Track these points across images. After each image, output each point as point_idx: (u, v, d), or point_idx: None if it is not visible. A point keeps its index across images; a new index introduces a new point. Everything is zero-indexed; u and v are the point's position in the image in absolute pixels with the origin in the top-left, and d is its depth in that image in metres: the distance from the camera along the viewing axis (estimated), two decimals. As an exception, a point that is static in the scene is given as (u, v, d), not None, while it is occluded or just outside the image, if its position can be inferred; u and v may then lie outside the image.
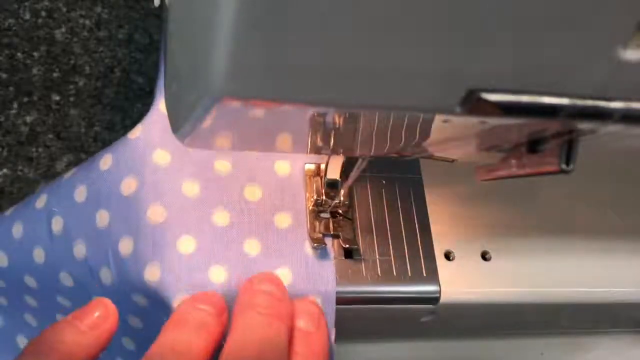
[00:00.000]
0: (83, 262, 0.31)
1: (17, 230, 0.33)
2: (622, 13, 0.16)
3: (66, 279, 0.32)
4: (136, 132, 0.32)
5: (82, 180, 0.32)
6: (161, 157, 0.31)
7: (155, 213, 0.30)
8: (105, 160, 0.32)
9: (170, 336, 0.25)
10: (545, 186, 0.37)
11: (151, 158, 0.31)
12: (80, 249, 0.31)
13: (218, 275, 0.29)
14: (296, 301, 0.29)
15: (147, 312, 0.31)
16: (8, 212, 0.35)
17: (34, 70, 0.45)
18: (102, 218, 0.31)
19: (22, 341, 0.38)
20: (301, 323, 0.28)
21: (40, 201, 0.33)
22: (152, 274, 0.29)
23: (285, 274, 0.30)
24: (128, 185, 0.30)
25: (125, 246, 0.30)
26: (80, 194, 0.32)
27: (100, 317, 0.26)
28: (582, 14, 0.16)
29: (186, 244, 0.29)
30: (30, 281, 0.34)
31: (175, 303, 0.28)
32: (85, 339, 0.25)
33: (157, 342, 0.25)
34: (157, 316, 0.29)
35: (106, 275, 0.30)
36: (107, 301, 0.26)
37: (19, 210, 0.34)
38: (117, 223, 0.30)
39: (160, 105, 0.33)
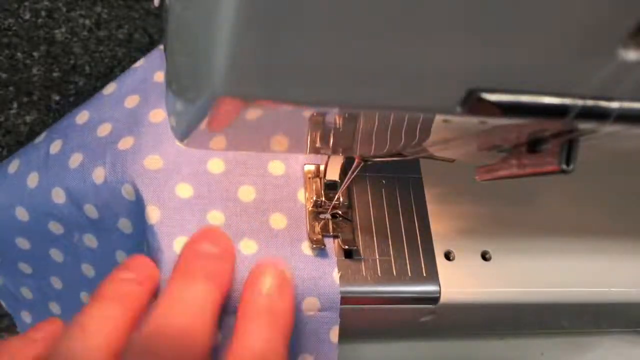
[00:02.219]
0: (78, 170, 0.32)
1: (14, 166, 0.34)
2: (622, 13, 0.16)
3: (58, 196, 0.33)
4: (138, 63, 0.35)
5: (85, 107, 0.34)
6: (162, 77, 0.34)
7: (157, 115, 0.32)
8: (109, 88, 0.35)
9: (87, 311, 0.25)
10: (546, 186, 0.37)
11: (152, 78, 0.34)
12: (76, 158, 0.32)
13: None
14: (262, 264, 0.28)
15: (134, 209, 0.31)
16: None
17: (34, 70, 0.45)
18: (104, 128, 0.33)
19: (26, 292, 0.38)
20: (263, 288, 0.27)
21: (40, 136, 0.35)
22: (152, 164, 0.31)
23: None
24: (131, 100, 0.33)
25: (126, 142, 0.31)
26: (83, 117, 0.34)
27: (49, 330, 0.27)
28: (582, 13, 0.16)
29: None
30: (21, 213, 0.34)
31: (177, 190, 0.30)
32: (35, 347, 0.26)
33: (74, 318, 0.25)
34: (142, 212, 0.30)
35: (99, 175, 0.31)
36: (58, 321, 0.28)
37: (17, 153, 0.36)
38: (119, 129, 0.32)
39: (161, 46, 0.36)
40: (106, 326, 0.24)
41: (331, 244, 0.31)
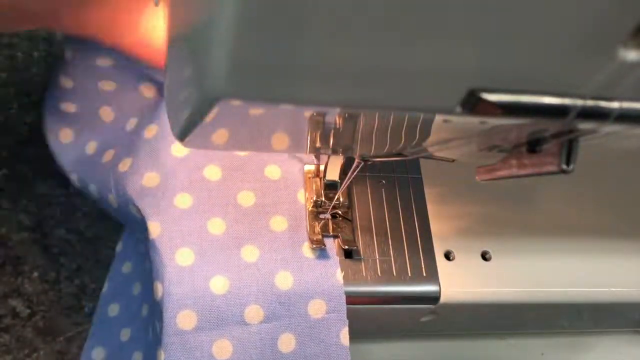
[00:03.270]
0: (99, 200, 0.35)
1: None
2: (622, 13, 0.16)
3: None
4: None
5: (90, 137, 0.36)
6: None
7: (151, 130, 0.33)
8: (108, 114, 0.37)
9: None
10: (546, 186, 0.37)
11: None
12: (93, 189, 0.35)
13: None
14: None
15: (143, 222, 0.32)
16: None
17: (34, 70, 0.45)
18: (108, 154, 0.34)
19: None
20: None
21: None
22: (150, 181, 0.32)
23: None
24: (131, 124, 0.35)
25: (125, 164, 0.33)
26: (92, 147, 0.36)
27: None
28: (582, 14, 0.16)
29: (179, 149, 0.33)
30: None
31: (176, 201, 0.31)
32: None
33: None
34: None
35: (112, 201, 0.34)
36: None
37: None
38: (120, 152, 0.34)
39: None
40: None
41: (331, 244, 0.31)
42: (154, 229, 0.30)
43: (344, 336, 0.30)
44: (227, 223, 0.31)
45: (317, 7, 0.15)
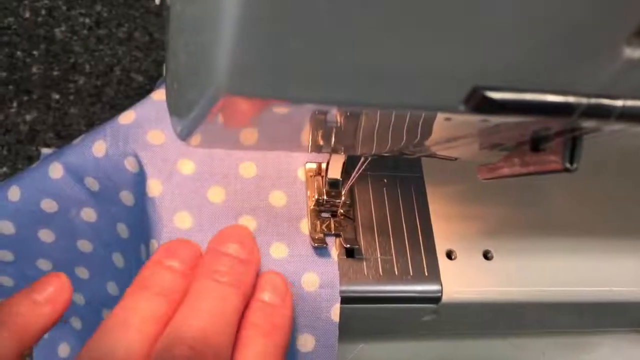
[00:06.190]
0: (77, 145, 0.33)
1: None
2: (626, 11, 0.16)
3: (56, 171, 0.33)
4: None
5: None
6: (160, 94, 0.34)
7: (160, 94, 0.33)
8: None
9: (130, 303, 0.25)
10: (548, 185, 0.37)
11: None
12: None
13: None
14: (262, 274, 0.28)
15: (136, 180, 0.32)
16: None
17: (34, 69, 0.45)
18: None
19: (5, 281, 0.37)
20: (265, 295, 0.27)
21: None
22: (155, 138, 0.31)
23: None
24: (126, 116, 0.33)
25: (127, 117, 0.32)
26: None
27: (55, 290, 0.26)
28: (586, 11, 0.16)
29: None
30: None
31: (179, 165, 0.31)
32: (41, 310, 0.25)
33: (117, 309, 0.24)
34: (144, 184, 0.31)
35: (99, 148, 0.32)
36: (62, 275, 0.27)
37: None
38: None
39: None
40: (150, 325, 0.24)
41: (333, 243, 0.31)
42: (155, 187, 0.30)
43: (335, 312, 0.30)
44: (227, 193, 0.31)
45: (319, 6, 0.15)
